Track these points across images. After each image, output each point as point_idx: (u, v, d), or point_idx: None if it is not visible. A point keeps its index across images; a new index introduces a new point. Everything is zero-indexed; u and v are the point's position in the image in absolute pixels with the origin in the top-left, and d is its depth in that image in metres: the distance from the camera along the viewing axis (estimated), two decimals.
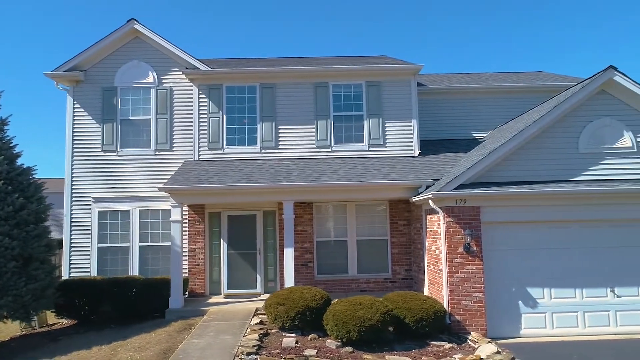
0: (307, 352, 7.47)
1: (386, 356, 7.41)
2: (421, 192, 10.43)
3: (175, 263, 10.91)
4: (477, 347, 7.92)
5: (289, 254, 10.82)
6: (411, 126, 12.97)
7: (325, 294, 9.01)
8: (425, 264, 10.72)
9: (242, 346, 7.58)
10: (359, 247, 12.59)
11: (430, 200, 9.43)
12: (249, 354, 7.25)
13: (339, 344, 7.89)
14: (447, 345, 8.14)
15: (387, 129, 12.95)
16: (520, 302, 9.19)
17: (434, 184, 10.44)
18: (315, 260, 12.53)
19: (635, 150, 9.35)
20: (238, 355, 7.22)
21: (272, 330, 8.67)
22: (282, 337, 8.25)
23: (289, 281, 10.72)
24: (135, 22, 12.93)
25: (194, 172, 11.77)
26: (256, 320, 9.22)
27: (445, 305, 9.06)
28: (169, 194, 10.91)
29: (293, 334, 8.40)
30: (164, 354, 7.74)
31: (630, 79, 9.22)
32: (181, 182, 10.98)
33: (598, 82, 9.29)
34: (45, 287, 9.48)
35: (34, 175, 10.27)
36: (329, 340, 8.06)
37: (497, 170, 9.37)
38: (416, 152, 12.91)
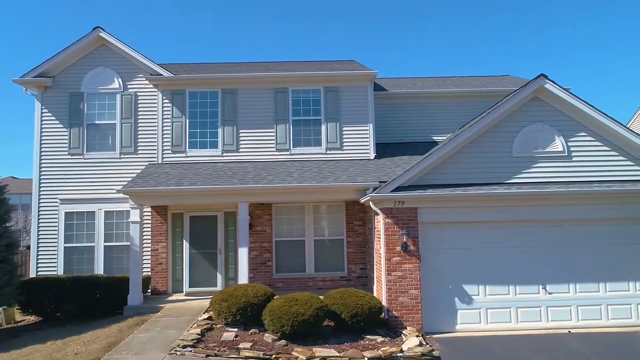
0: (241, 345, 7.90)
1: (314, 348, 7.84)
2: (368, 194, 10.86)
3: (134, 262, 11.31)
4: (405, 341, 8.36)
5: (242, 254, 11.23)
6: (367, 130, 13.41)
7: (269, 291, 9.44)
8: (374, 263, 11.16)
9: (182, 339, 7.99)
10: (316, 246, 13.03)
11: (370, 202, 9.87)
12: (185, 346, 7.67)
13: (276, 337, 8.31)
14: (380, 339, 8.58)
15: (344, 132, 13.39)
16: (456, 298, 9.64)
17: (380, 186, 10.88)
18: (273, 259, 12.96)
19: (566, 154, 9.82)
20: (174, 348, 7.65)
21: (218, 326, 9.09)
22: (224, 332, 8.67)
23: (243, 279, 11.13)
24: (101, 30, 13.33)
25: (155, 174, 12.17)
26: (205, 316, 9.64)
27: (384, 302, 9.50)
28: (128, 196, 11.31)
29: (235, 329, 8.82)
30: (108, 346, 8.15)
31: (560, 86, 9.69)
32: (140, 185, 11.39)
33: (530, 89, 9.75)
34: (4, 285, 9.86)
35: None
36: (266, 335, 8.49)
37: (435, 173, 9.81)
38: (372, 155, 13.35)
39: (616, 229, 9.71)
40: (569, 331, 9.38)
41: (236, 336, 8.43)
